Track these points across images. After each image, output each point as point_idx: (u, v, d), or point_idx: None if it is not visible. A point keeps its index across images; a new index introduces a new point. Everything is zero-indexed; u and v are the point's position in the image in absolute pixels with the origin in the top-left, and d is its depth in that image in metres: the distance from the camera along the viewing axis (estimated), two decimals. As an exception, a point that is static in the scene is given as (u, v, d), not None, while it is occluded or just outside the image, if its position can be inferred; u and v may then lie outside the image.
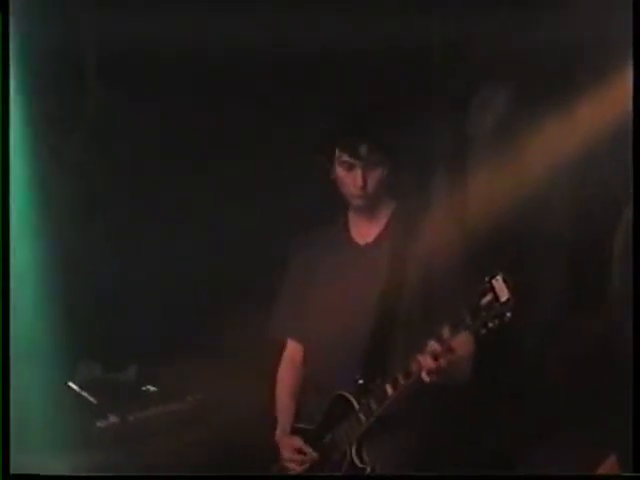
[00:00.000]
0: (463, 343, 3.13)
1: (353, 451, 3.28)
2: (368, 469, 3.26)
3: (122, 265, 4.17)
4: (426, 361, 3.09)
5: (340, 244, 3.51)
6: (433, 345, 3.08)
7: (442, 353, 3.07)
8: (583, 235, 3.79)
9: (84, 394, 3.65)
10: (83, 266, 4.12)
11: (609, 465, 3.27)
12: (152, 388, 3.87)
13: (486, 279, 2.98)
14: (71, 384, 3.70)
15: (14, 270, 3.45)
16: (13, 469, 3.25)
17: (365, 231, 3.48)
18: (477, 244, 3.41)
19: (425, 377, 3.10)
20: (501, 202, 3.77)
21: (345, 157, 3.36)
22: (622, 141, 3.58)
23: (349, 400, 3.30)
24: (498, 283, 2.96)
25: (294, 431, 3.48)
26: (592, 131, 3.67)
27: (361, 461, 3.27)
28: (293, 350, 3.62)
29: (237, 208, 4.16)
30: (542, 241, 3.84)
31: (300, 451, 3.40)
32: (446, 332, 3.07)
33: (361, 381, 3.30)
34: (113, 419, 3.67)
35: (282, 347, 3.64)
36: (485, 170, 3.95)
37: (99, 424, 3.64)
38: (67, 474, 3.32)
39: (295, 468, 3.41)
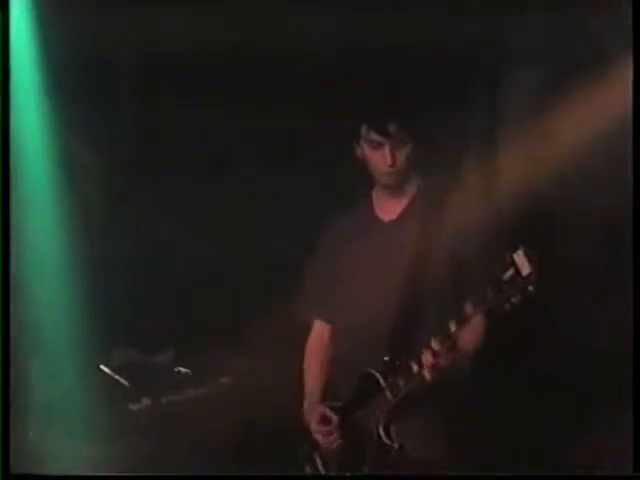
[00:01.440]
0: (468, 336, 3.18)
1: (381, 428, 3.28)
2: (395, 446, 3.27)
3: (155, 249, 4.21)
4: (427, 358, 3.12)
5: (365, 222, 3.53)
6: (434, 343, 3.12)
7: (443, 352, 3.11)
8: (611, 210, 3.75)
9: (117, 377, 3.69)
10: (117, 250, 4.16)
11: None
12: (185, 371, 3.90)
13: (508, 254, 2.97)
14: (103, 367, 3.74)
15: (46, 257, 3.50)
16: (49, 452, 3.30)
17: (390, 208, 3.50)
18: (501, 219, 3.41)
19: (427, 374, 3.14)
20: (526, 178, 3.75)
21: (373, 135, 3.37)
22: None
23: (376, 378, 3.31)
24: (520, 257, 2.95)
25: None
26: (622, 109, 3.63)
27: (389, 438, 3.28)
28: (321, 330, 3.64)
29: (264, 192, 4.18)
30: (568, 216, 3.81)
31: (326, 419, 3.41)
32: (469, 308, 3.07)
33: (387, 359, 3.30)
34: (146, 402, 3.71)
35: (310, 328, 3.66)
36: (511, 147, 3.93)
37: (132, 407, 3.68)
38: (71, 474, 3.34)
39: (323, 439, 3.43)
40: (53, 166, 3.88)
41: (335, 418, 3.40)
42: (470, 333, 3.20)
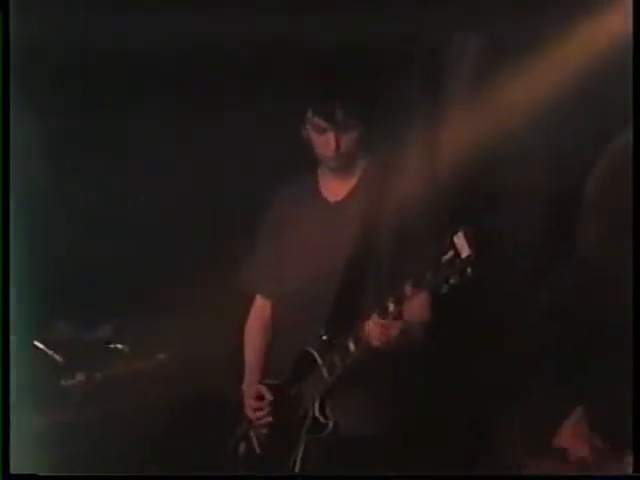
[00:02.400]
0: (416, 309, 3.16)
1: (316, 407, 3.28)
2: (330, 424, 3.27)
3: (91, 222, 4.15)
4: (372, 328, 3.11)
5: (310, 201, 3.51)
6: (382, 312, 3.11)
7: (389, 321, 3.09)
8: (553, 187, 3.77)
9: (50, 353, 3.65)
10: (53, 222, 4.09)
11: (575, 417, 3.28)
12: (120, 346, 3.87)
13: (448, 235, 2.97)
14: (37, 343, 3.69)
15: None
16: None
17: (335, 189, 3.48)
18: (444, 200, 3.41)
19: (375, 342, 3.12)
20: (470, 157, 3.75)
21: (318, 121, 3.35)
22: (595, 91, 3.55)
23: (313, 356, 3.31)
24: (459, 239, 2.94)
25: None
26: (564, 82, 3.64)
27: (324, 417, 3.28)
28: (261, 305, 3.62)
29: (209, 164, 4.12)
30: (511, 195, 3.82)
31: (260, 396, 3.41)
32: (408, 289, 3.07)
33: (325, 337, 3.30)
34: (79, 377, 3.67)
35: (251, 302, 3.64)
36: (456, 125, 3.92)
37: (64, 382, 3.64)
38: (65, 474, 3.32)
39: (256, 416, 3.41)
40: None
41: (269, 395, 3.39)
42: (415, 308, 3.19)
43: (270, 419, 3.39)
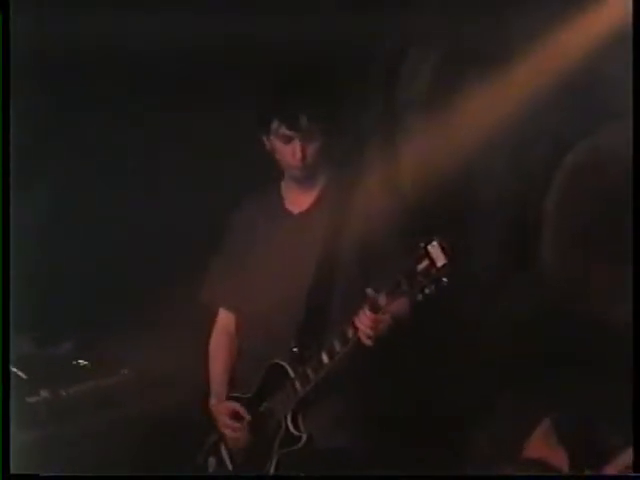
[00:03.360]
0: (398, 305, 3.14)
1: (289, 419, 3.27)
2: (304, 437, 3.25)
3: (56, 237, 4.09)
4: (365, 319, 3.09)
5: (274, 213, 3.49)
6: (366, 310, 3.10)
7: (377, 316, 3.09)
8: (517, 198, 3.80)
9: (14, 370, 3.57)
10: (16, 238, 4.01)
11: (544, 428, 3.30)
12: (84, 362, 3.82)
13: (422, 245, 2.96)
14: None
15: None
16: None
17: (299, 200, 3.47)
18: (412, 210, 3.42)
19: (365, 339, 3.10)
20: (436, 167, 3.76)
21: (284, 129, 3.34)
22: (558, 101, 3.59)
23: (285, 368, 3.29)
24: (434, 249, 2.95)
25: (229, 400, 3.45)
26: (527, 92, 3.67)
27: (297, 429, 3.26)
28: (226, 319, 3.59)
29: (171, 178, 4.12)
30: (477, 205, 3.84)
31: (237, 415, 3.38)
32: (382, 299, 3.06)
33: (296, 349, 3.28)
34: (44, 394, 3.61)
35: (214, 317, 3.61)
36: (419, 135, 3.94)
37: (29, 400, 3.58)
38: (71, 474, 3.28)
39: (232, 434, 3.38)
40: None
41: (246, 414, 3.37)
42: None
43: (245, 435, 3.37)
